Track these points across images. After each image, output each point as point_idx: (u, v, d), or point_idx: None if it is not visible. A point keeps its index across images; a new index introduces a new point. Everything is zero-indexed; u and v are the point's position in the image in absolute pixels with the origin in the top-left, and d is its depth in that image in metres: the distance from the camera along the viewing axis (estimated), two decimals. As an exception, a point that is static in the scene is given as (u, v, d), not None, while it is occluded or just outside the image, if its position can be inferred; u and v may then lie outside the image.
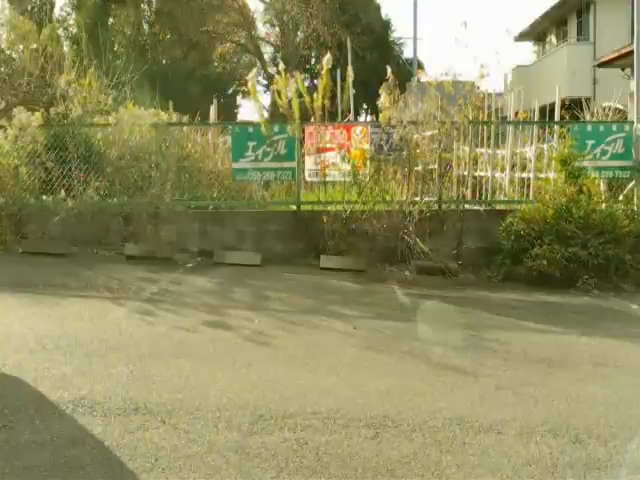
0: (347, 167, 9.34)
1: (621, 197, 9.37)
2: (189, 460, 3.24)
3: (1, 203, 9.35)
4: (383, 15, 34.01)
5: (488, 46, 24.05)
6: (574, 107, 12.46)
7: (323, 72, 9.29)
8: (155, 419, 3.70)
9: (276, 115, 10.19)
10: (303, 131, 9.55)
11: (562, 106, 11.03)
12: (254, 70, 10.25)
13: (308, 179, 9.80)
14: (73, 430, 3.52)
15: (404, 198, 9.09)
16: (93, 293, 6.99)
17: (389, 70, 9.50)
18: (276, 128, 9.55)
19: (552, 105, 10.97)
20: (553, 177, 9.42)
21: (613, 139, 9.51)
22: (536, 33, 29.09)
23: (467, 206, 9.52)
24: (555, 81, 13.87)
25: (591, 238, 8.11)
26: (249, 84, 9.90)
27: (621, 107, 11.41)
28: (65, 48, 19.66)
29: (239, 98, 39.52)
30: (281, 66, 9.75)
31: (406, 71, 27.34)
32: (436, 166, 9.51)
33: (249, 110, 49.94)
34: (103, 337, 5.29)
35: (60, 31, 28.90)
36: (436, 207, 9.22)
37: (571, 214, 8.28)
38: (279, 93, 9.31)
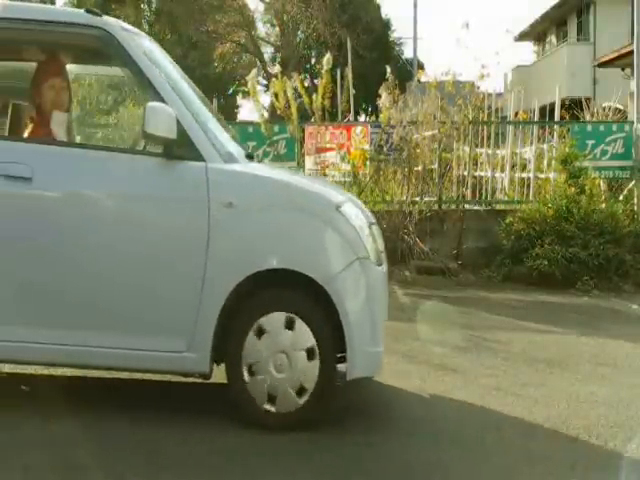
0: (347, 167, 9.33)
1: (621, 197, 9.37)
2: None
3: None
4: (383, 15, 34.04)
5: (488, 46, 24.07)
6: (574, 107, 12.46)
7: (323, 72, 9.29)
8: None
9: (276, 115, 10.19)
10: (303, 131, 9.56)
11: (562, 106, 11.02)
12: (254, 71, 10.23)
13: (308, 179, 9.79)
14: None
15: (404, 198, 9.09)
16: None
17: (389, 70, 9.50)
18: (276, 128, 9.55)
19: (552, 105, 10.96)
20: (553, 177, 9.42)
21: (613, 139, 9.51)
22: (536, 33, 29.11)
23: (467, 206, 9.52)
24: (555, 81, 13.86)
25: (591, 238, 8.11)
26: (249, 84, 9.89)
27: (621, 107, 11.41)
28: (65, 48, 19.61)
29: (239, 98, 39.53)
30: (277, 68, 9.76)
31: (406, 71, 27.35)
32: (436, 166, 9.51)
33: (249, 110, 49.97)
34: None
35: (60, 31, 28.87)
36: (436, 207, 9.22)
37: (571, 214, 8.28)
38: (277, 95, 9.30)
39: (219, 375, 3.89)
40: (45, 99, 3.97)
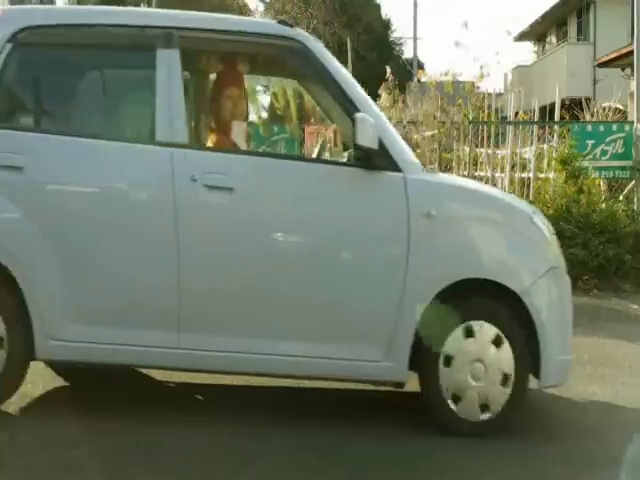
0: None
1: (621, 197, 9.36)
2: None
3: None
4: (383, 15, 33.99)
5: (488, 46, 24.07)
6: (574, 107, 12.45)
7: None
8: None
9: (275, 115, 10.20)
10: (303, 131, 9.56)
11: (562, 106, 11.01)
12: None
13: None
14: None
15: (404, 198, 9.08)
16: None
17: (389, 70, 9.51)
18: (276, 128, 9.56)
19: (552, 105, 10.94)
20: (553, 177, 9.42)
21: (613, 139, 9.49)
22: (536, 33, 29.09)
23: (467, 206, 9.49)
24: (555, 81, 13.86)
25: (591, 238, 8.10)
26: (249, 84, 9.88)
27: (621, 107, 11.40)
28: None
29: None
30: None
31: (406, 71, 27.35)
32: (436, 166, 9.50)
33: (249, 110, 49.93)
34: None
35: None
36: (436, 207, 9.20)
37: (571, 214, 8.27)
38: (276, 96, 9.31)
39: (220, 378, 3.89)
40: (224, 109, 3.97)
